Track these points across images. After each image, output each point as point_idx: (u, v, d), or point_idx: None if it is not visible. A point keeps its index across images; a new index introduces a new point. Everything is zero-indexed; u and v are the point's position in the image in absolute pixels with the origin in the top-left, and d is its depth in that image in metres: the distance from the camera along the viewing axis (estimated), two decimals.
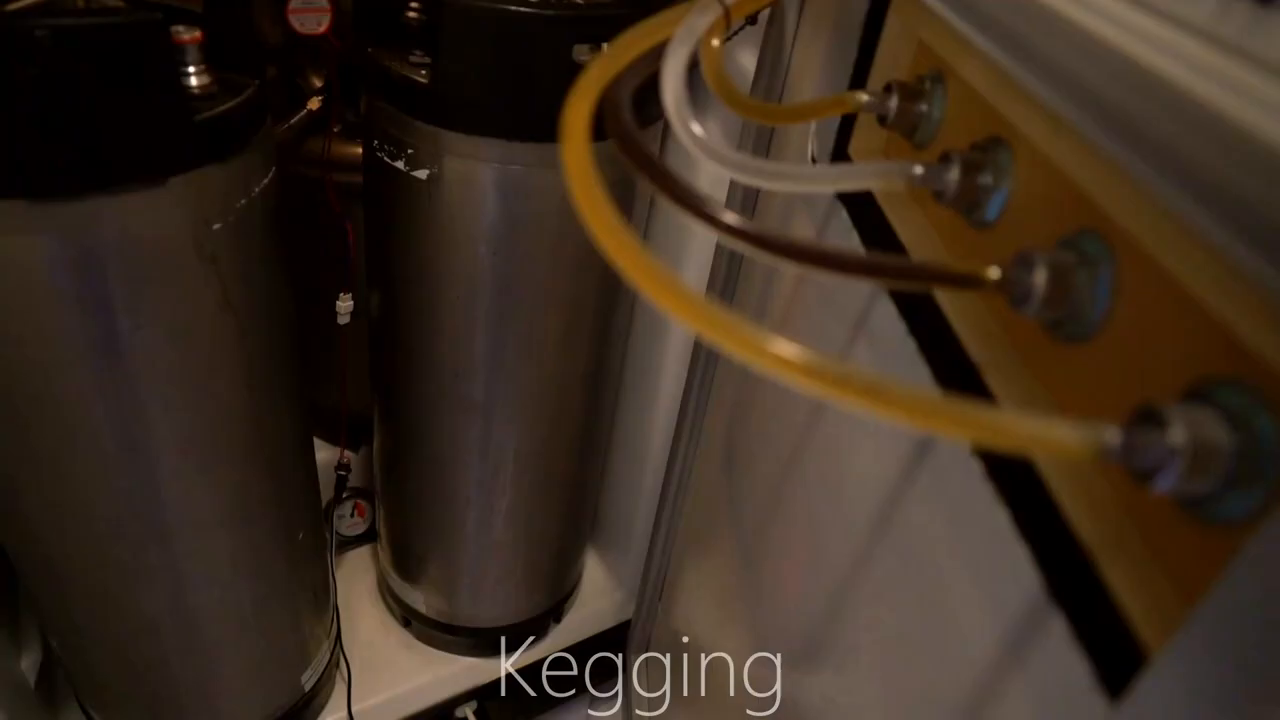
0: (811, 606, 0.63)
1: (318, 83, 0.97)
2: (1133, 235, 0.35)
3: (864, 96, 0.55)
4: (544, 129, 0.74)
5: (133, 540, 0.77)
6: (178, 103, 0.60)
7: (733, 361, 0.90)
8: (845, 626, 0.57)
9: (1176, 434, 0.27)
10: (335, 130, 1.00)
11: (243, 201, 0.67)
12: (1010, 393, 0.40)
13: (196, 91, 0.63)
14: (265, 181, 0.70)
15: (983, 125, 0.48)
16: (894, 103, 0.55)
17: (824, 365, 0.30)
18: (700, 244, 0.96)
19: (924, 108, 0.55)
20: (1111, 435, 0.29)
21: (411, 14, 0.73)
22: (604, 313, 0.94)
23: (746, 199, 0.83)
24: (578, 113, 0.39)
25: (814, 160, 0.67)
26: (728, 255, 0.88)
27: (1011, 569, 0.38)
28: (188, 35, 0.61)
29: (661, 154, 0.95)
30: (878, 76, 0.60)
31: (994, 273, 0.38)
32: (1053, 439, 0.29)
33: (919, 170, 0.46)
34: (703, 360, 0.95)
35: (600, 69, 0.43)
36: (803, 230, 0.67)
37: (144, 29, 0.55)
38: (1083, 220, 0.39)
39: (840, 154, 0.63)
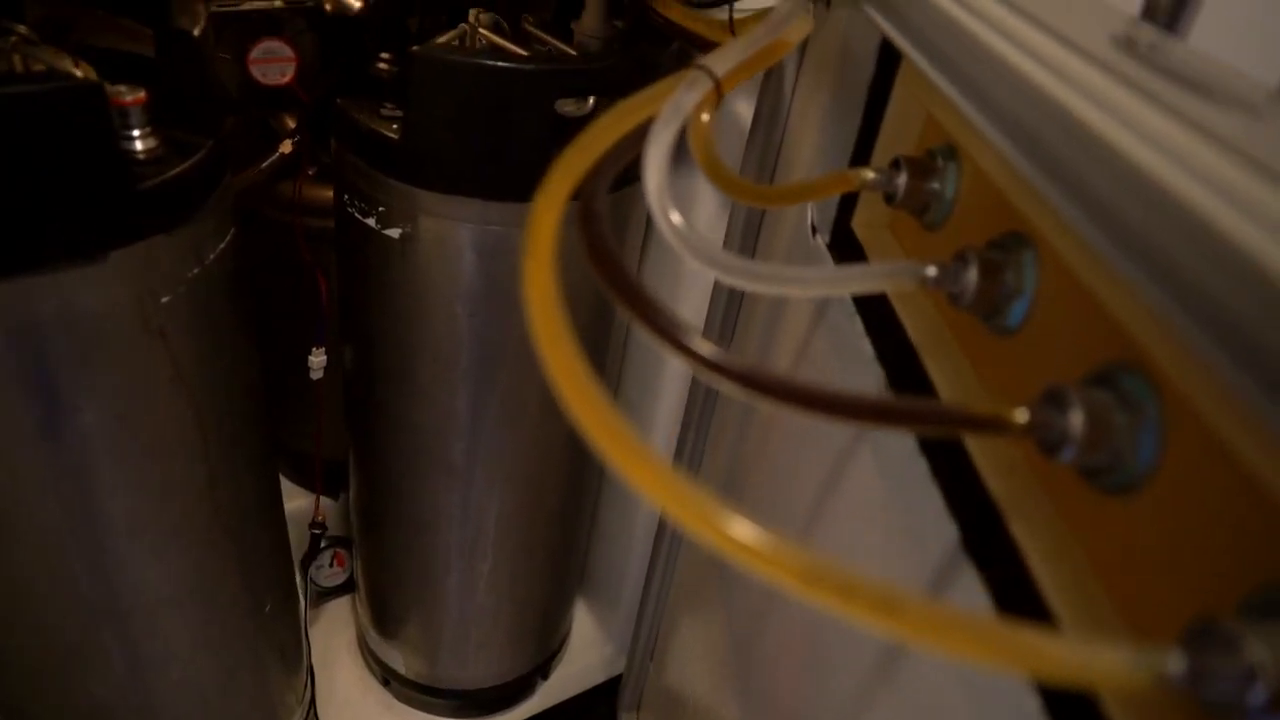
0: (808, 694, 0.57)
1: (291, 124, 0.92)
2: (1179, 382, 0.30)
3: (869, 174, 0.50)
4: (524, 188, 0.68)
5: (80, 622, 0.72)
6: (117, 171, 0.54)
7: (730, 408, 0.85)
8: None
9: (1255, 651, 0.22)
10: (310, 173, 0.95)
11: (195, 271, 0.62)
12: (1040, 548, 0.35)
13: (141, 156, 0.58)
14: (222, 245, 0.65)
15: (1001, 216, 0.43)
16: (902, 180, 0.50)
17: (820, 570, 0.25)
18: (701, 276, 0.90)
19: (935, 186, 0.50)
20: (1175, 662, 0.24)
21: (382, 65, 0.68)
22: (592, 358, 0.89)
23: (745, 241, 0.78)
24: (543, 226, 0.34)
25: (814, 230, 0.61)
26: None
27: None
28: (130, 97, 0.55)
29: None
30: (884, 147, 0.55)
31: (1021, 415, 0.33)
32: (1102, 667, 0.24)
33: (932, 272, 0.41)
34: (699, 409, 0.90)
35: (573, 162, 0.38)
36: (799, 312, 0.61)
37: (76, 96, 0.50)
38: (1119, 350, 0.34)
39: (842, 227, 0.58)
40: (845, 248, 0.58)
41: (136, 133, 0.57)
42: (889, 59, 0.53)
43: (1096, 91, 0.31)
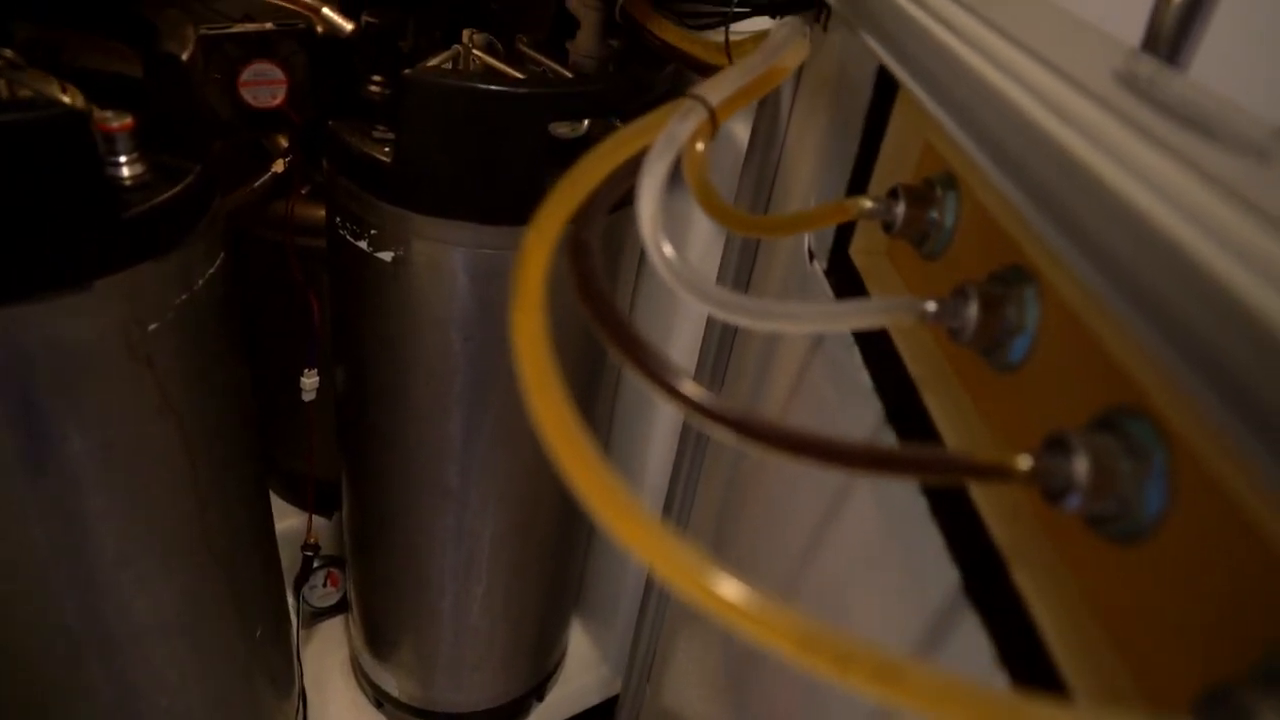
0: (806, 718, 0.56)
1: (284, 142, 0.91)
2: (1184, 431, 0.29)
3: (867, 203, 0.49)
4: (518, 211, 0.68)
5: (66, 652, 0.70)
6: (103, 199, 0.54)
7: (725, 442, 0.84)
8: None
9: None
10: (303, 192, 0.94)
11: (183, 297, 0.61)
12: (1044, 597, 0.34)
13: (128, 182, 0.57)
14: (211, 270, 0.64)
15: (1002, 248, 0.42)
16: (901, 210, 0.49)
17: (815, 635, 0.24)
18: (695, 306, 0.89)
19: (934, 215, 0.49)
20: None
21: (374, 88, 0.67)
22: (586, 394, 0.88)
23: (741, 265, 0.77)
24: (532, 269, 0.33)
25: (811, 256, 0.61)
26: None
27: None
28: (117, 123, 0.55)
29: None
30: (882, 174, 0.54)
31: (1024, 462, 0.32)
32: None
33: (931, 307, 0.40)
34: (694, 434, 0.89)
35: (563, 198, 0.37)
36: (796, 340, 0.60)
37: (60, 124, 0.49)
38: (1123, 393, 0.33)
39: (840, 253, 0.57)
40: (843, 274, 0.57)
41: (123, 159, 0.56)
42: (887, 84, 0.53)
43: (1095, 129, 0.31)
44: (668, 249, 0.39)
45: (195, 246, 0.62)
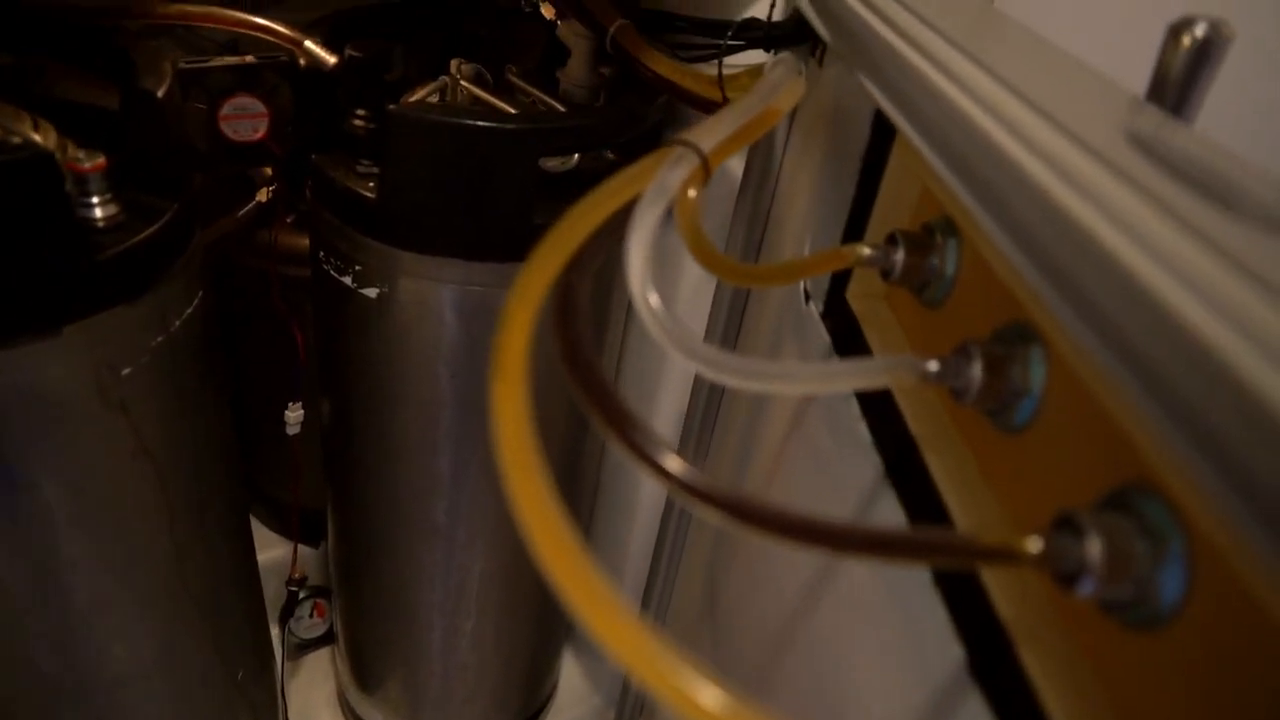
0: None
1: (268, 171, 0.89)
2: (1197, 515, 0.27)
3: (865, 250, 0.47)
4: (507, 248, 0.66)
5: (41, 701, 0.68)
6: (73, 242, 0.52)
7: (719, 477, 0.82)
8: None
9: None
10: (289, 220, 0.92)
11: (159, 339, 0.59)
12: (1054, 682, 0.32)
13: (101, 224, 0.55)
14: (190, 310, 0.62)
15: (1005, 303, 0.41)
16: (900, 257, 0.47)
17: None
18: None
19: (935, 262, 0.47)
20: None
21: (358, 122, 0.65)
22: (575, 429, 0.86)
23: (735, 303, 0.75)
24: (514, 337, 0.31)
25: (807, 297, 0.59)
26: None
27: None
28: (89, 164, 0.53)
29: None
30: (881, 217, 0.52)
31: (1034, 545, 0.30)
32: None
33: (933, 367, 0.39)
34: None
35: (548, 257, 0.36)
36: (784, 408, 0.59)
37: (27, 168, 0.47)
38: (1135, 470, 0.31)
39: (836, 296, 0.56)
40: (839, 318, 0.56)
41: (96, 200, 0.54)
42: (885, 125, 0.51)
43: (1103, 195, 0.29)
44: (655, 301, 0.38)
45: (172, 287, 0.60)
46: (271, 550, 1.24)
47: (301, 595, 1.18)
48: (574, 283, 0.35)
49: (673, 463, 0.30)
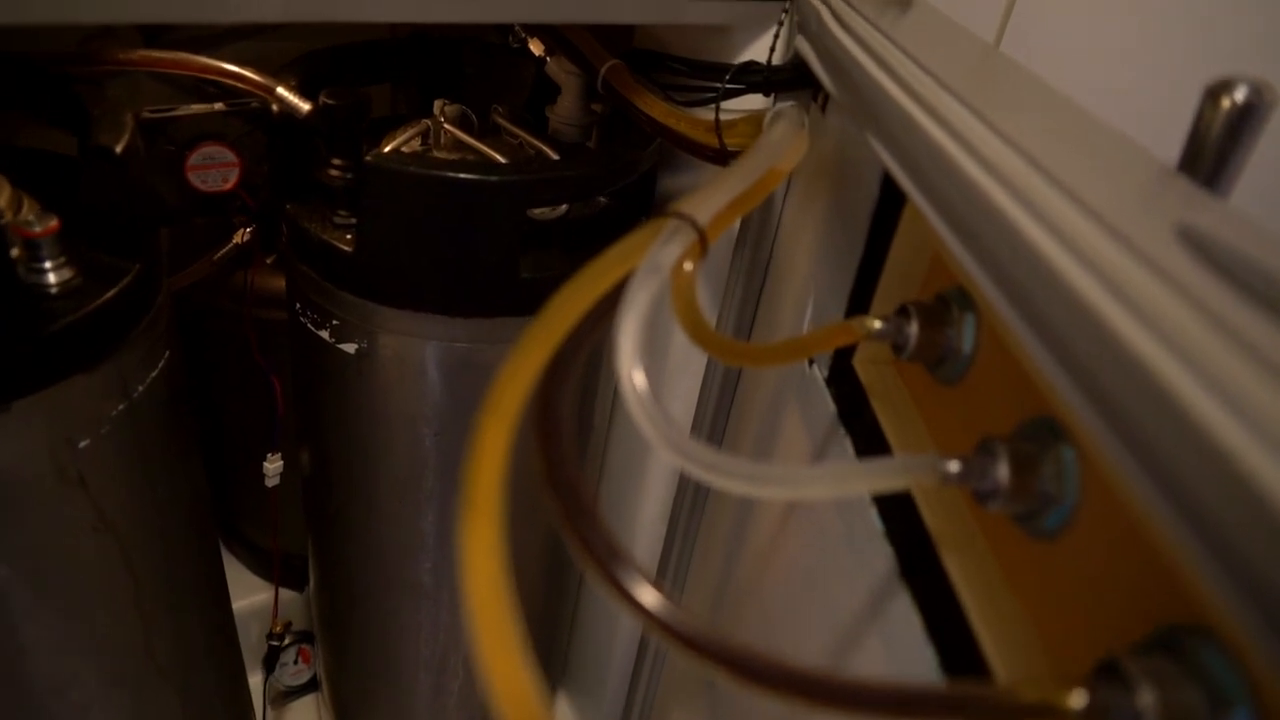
0: None
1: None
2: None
3: (875, 324, 0.44)
4: (493, 303, 0.63)
5: None
6: (22, 312, 0.48)
7: (719, 517, 0.78)
8: None
9: None
10: (268, 262, 0.89)
11: (120, 408, 0.56)
12: None
13: (54, 290, 0.51)
14: (154, 374, 0.59)
15: (1029, 394, 0.37)
16: (913, 330, 0.44)
17: None
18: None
19: (951, 334, 0.44)
20: None
21: (334, 171, 0.61)
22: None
23: (728, 378, 0.72)
24: (490, 458, 0.28)
25: (811, 360, 0.55)
26: (710, 411, 0.76)
27: None
28: (40, 227, 0.49)
29: None
30: (890, 283, 0.49)
31: (1078, 699, 0.27)
32: None
33: (954, 468, 0.35)
34: (684, 519, 0.84)
35: (527, 360, 0.32)
36: (796, 441, 0.55)
37: None
38: (1185, 606, 0.28)
39: (842, 360, 0.52)
40: (844, 385, 0.52)
41: (48, 264, 0.51)
42: (895, 186, 0.48)
43: (1133, 293, 0.26)
44: (641, 382, 0.34)
45: (134, 352, 0.56)
46: (254, 595, 1.20)
47: (286, 642, 1.14)
48: (554, 396, 0.31)
49: (647, 597, 0.26)
